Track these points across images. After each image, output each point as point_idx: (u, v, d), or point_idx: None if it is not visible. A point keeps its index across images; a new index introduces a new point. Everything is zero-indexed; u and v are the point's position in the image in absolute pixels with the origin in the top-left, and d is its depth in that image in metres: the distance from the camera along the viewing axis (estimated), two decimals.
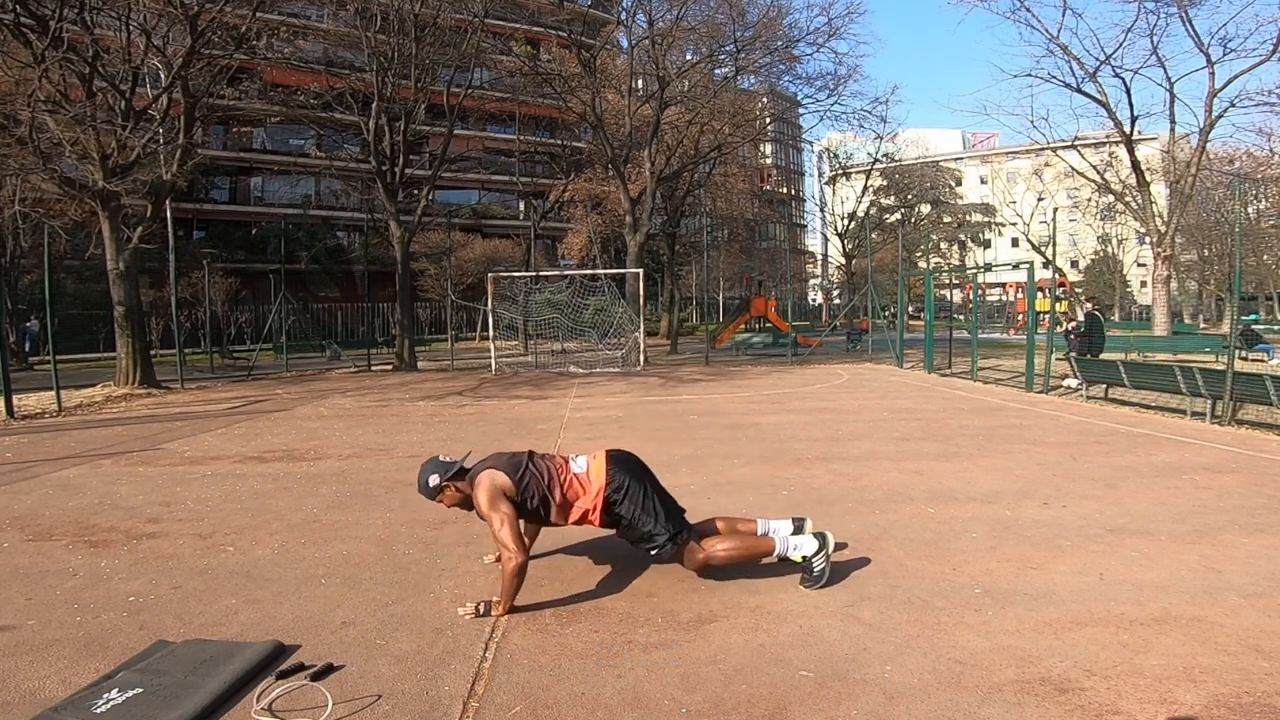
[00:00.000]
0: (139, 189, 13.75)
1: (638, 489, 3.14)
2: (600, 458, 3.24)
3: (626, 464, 3.23)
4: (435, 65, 17.92)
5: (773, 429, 7.63)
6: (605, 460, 3.21)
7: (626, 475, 3.16)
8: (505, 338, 20.46)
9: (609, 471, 3.16)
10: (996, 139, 62.86)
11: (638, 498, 3.12)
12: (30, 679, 2.45)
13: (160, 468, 6.08)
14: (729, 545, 3.20)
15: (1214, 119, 18.59)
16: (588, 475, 3.17)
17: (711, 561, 3.18)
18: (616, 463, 3.21)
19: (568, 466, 3.21)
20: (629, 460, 3.26)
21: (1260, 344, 16.32)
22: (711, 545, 3.20)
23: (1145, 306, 44.35)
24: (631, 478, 3.16)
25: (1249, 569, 3.38)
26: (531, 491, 3.10)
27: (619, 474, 3.16)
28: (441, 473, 3.16)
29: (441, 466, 3.18)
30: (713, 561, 3.18)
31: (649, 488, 3.18)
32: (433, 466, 3.19)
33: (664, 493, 3.26)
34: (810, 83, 22.80)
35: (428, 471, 3.18)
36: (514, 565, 2.88)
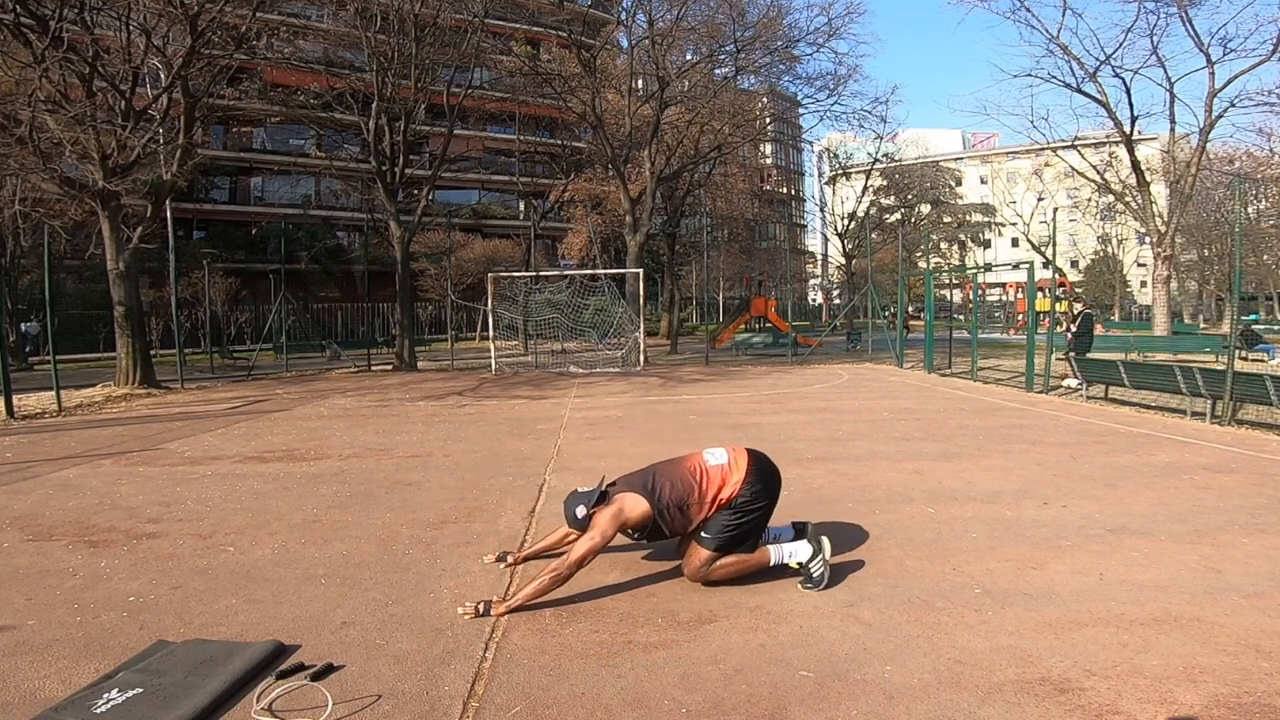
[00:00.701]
0: (139, 189, 13.75)
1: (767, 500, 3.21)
2: (742, 453, 3.27)
3: (766, 471, 3.26)
4: (435, 65, 17.91)
5: (773, 429, 7.63)
6: (749, 459, 3.24)
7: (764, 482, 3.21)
8: (505, 338, 20.46)
9: (751, 470, 3.19)
10: (996, 139, 62.90)
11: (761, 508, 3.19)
12: (30, 679, 2.45)
13: (160, 468, 6.08)
14: (727, 562, 3.20)
15: (1214, 119, 18.61)
16: (726, 468, 3.20)
17: (710, 577, 3.20)
18: (759, 463, 3.25)
19: (704, 463, 3.23)
20: (770, 468, 3.29)
21: (1260, 344, 16.32)
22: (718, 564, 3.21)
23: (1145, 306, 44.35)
24: (765, 487, 3.21)
25: (1249, 569, 3.38)
26: (669, 504, 3.12)
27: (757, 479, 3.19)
28: (586, 502, 3.12)
29: (585, 496, 3.15)
30: (711, 577, 3.20)
31: (770, 505, 3.25)
32: (576, 499, 3.15)
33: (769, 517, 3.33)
34: (810, 83, 22.83)
35: (573, 504, 3.14)
36: (559, 575, 2.94)
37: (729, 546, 3.15)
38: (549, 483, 5.38)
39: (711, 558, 3.15)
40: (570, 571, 2.95)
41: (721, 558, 3.17)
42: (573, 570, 2.95)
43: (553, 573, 2.94)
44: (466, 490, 5.14)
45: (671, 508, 3.10)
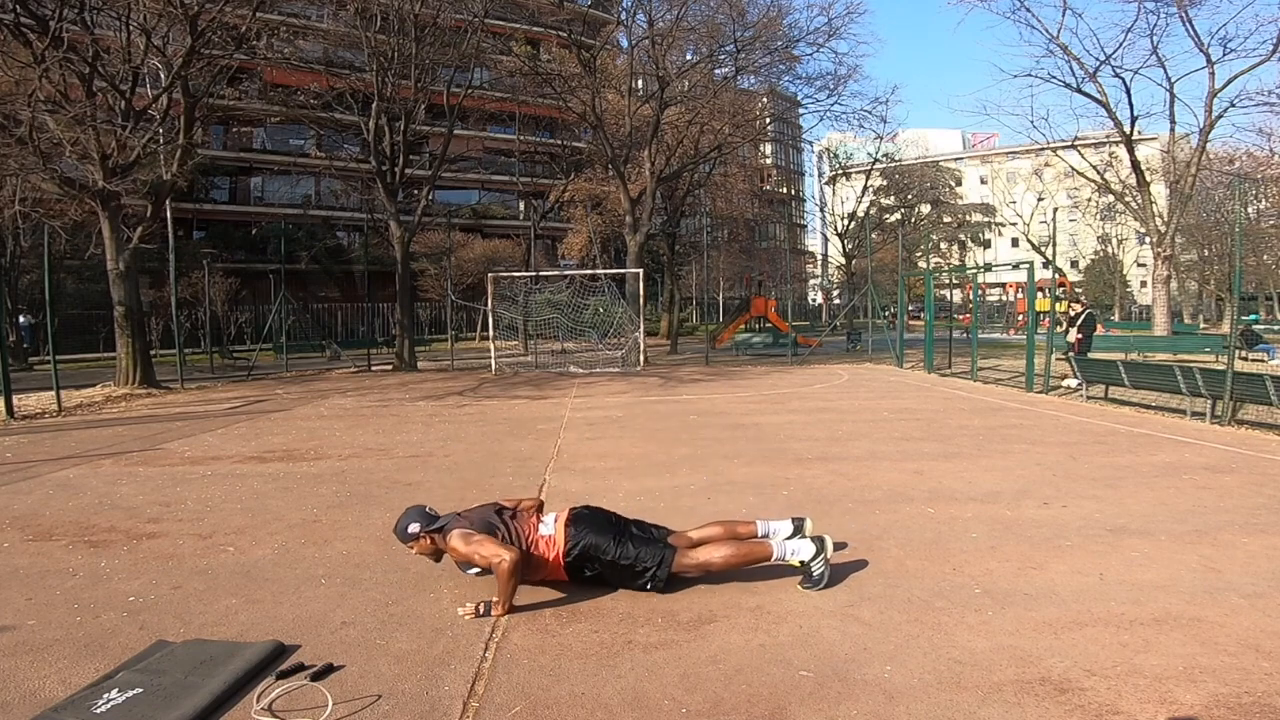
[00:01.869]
0: (139, 189, 13.75)
1: (605, 541, 3.15)
2: (563, 518, 3.25)
3: (588, 521, 3.23)
4: (435, 65, 17.90)
5: (773, 429, 7.63)
6: (566, 522, 3.22)
7: (587, 534, 3.17)
8: (505, 338, 20.45)
9: (568, 533, 3.18)
10: (996, 139, 62.84)
11: (606, 549, 3.14)
12: (30, 679, 2.45)
13: (160, 468, 6.08)
14: (726, 553, 3.21)
15: (1214, 119, 18.61)
16: (553, 539, 3.19)
17: (709, 569, 3.21)
18: (577, 522, 3.22)
19: (537, 529, 3.24)
20: (590, 518, 3.26)
21: (1260, 344, 16.32)
22: (709, 552, 3.22)
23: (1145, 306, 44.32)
24: (594, 534, 3.17)
25: (1249, 569, 3.38)
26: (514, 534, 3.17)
27: (579, 534, 3.17)
28: (423, 523, 3.20)
29: (425, 517, 3.22)
30: (710, 569, 3.21)
31: (616, 535, 3.19)
32: (416, 514, 3.23)
33: (637, 527, 3.29)
34: (810, 83, 22.82)
35: (410, 518, 3.22)
36: (507, 565, 2.90)
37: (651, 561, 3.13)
38: (549, 483, 5.38)
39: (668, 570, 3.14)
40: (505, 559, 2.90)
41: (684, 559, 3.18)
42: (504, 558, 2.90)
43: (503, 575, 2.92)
44: (466, 490, 5.14)
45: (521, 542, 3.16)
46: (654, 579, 3.13)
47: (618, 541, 3.16)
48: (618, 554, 3.13)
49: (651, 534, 3.29)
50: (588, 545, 3.15)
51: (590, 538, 3.16)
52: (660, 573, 3.13)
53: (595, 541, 3.15)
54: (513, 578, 2.93)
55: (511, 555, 2.93)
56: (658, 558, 3.15)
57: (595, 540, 3.15)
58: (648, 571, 3.13)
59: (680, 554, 3.21)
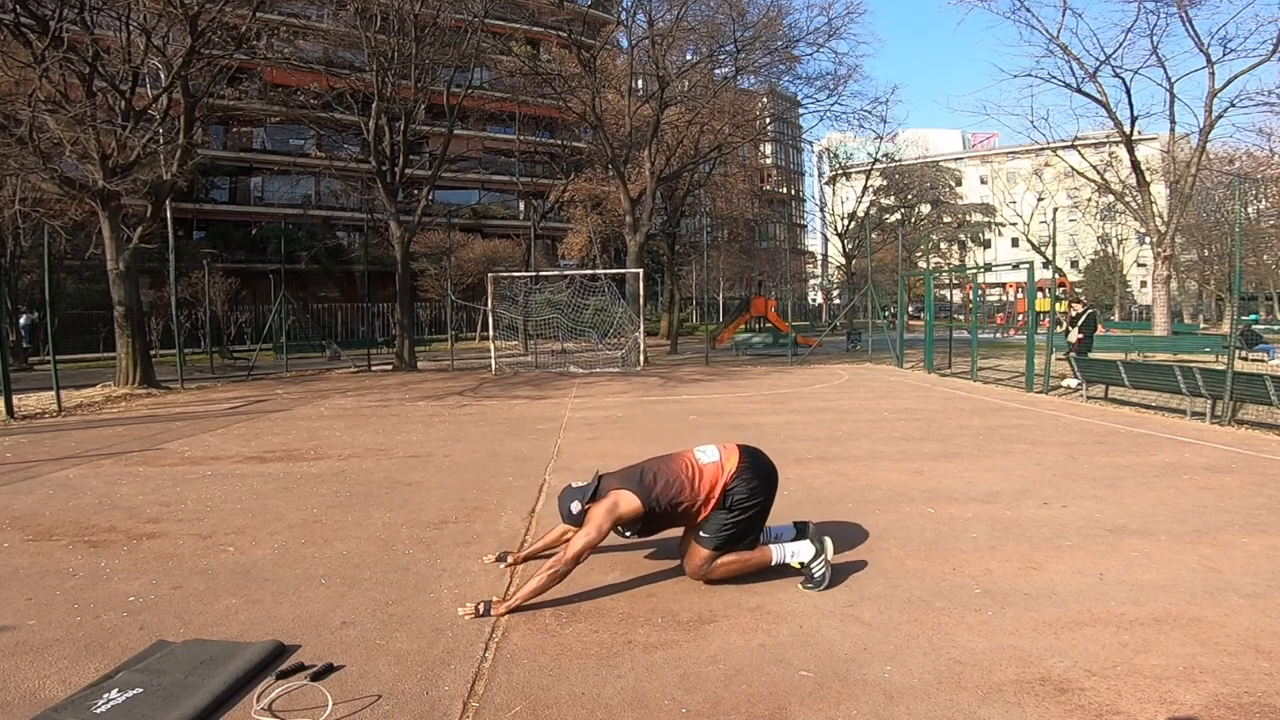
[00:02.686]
0: (139, 189, 13.74)
1: (761, 495, 3.19)
2: (733, 449, 3.26)
3: (759, 464, 3.25)
4: (435, 65, 17.89)
5: (773, 429, 7.63)
6: (739, 454, 3.23)
7: (757, 477, 3.20)
8: (505, 338, 20.45)
9: (741, 463, 3.19)
10: (996, 139, 62.86)
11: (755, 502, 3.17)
12: (30, 679, 2.45)
13: (160, 468, 6.08)
14: (729, 560, 3.20)
15: (1214, 119, 18.61)
16: (720, 464, 3.18)
17: (711, 576, 3.21)
18: (749, 456, 3.24)
19: (694, 460, 3.22)
20: (763, 462, 3.28)
21: (1260, 344, 16.32)
22: (721, 564, 3.22)
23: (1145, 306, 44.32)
24: (759, 481, 3.20)
25: (1249, 569, 3.38)
26: (660, 500, 3.10)
27: (748, 470, 3.19)
28: (581, 498, 3.12)
29: (579, 492, 3.15)
30: (712, 576, 3.21)
31: (767, 501, 3.23)
32: (571, 494, 3.16)
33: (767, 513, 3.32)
34: (810, 83, 22.81)
35: (568, 499, 3.15)
36: (556, 572, 2.93)
37: (728, 545, 3.15)
38: (549, 483, 5.38)
39: (711, 556, 3.16)
40: (568, 568, 2.95)
41: (721, 556, 3.17)
42: (570, 566, 2.95)
43: (550, 570, 2.94)
44: (466, 490, 5.14)
45: (664, 504, 3.09)
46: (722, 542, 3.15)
47: (767, 504, 3.23)
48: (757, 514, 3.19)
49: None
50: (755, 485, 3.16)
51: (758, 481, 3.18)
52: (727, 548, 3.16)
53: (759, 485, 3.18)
54: (554, 583, 2.95)
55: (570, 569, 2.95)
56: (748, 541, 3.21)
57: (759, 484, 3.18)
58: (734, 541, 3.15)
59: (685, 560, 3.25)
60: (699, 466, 3.18)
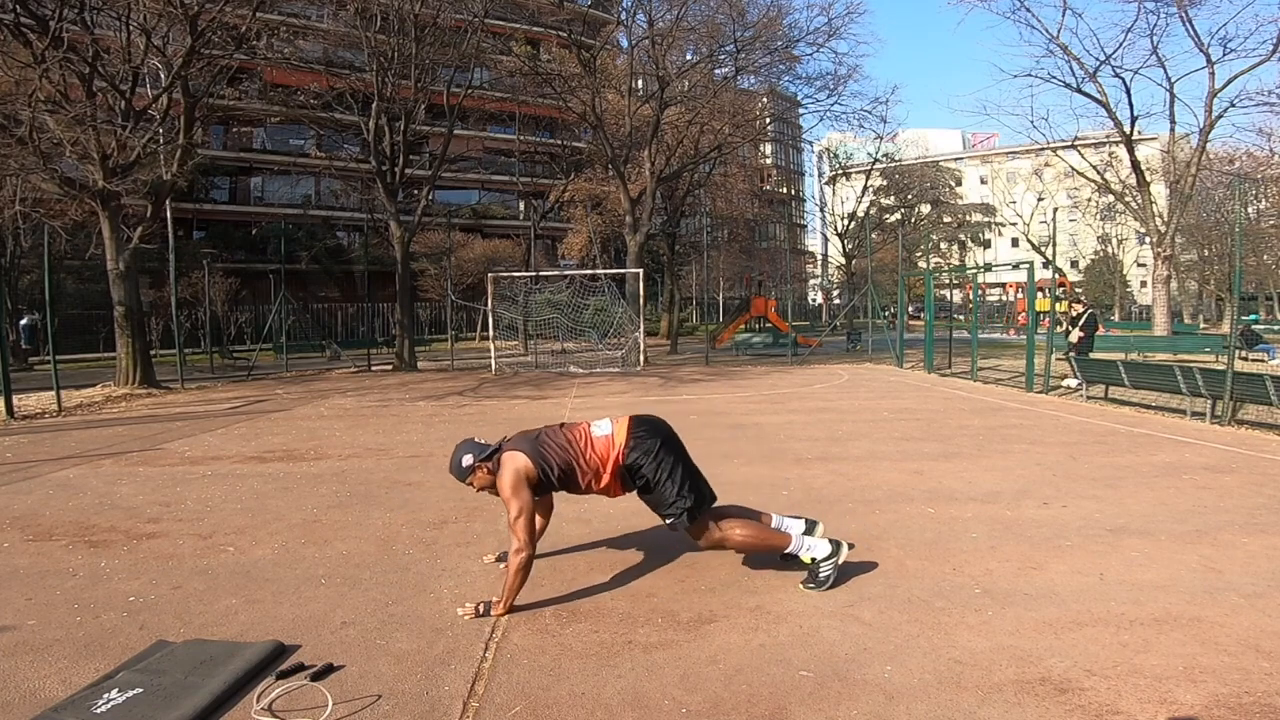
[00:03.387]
0: (139, 189, 13.74)
1: (664, 453, 3.12)
2: (624, 420, 3.22)
3: (653, 427, 3.21)
4: (435, 65, 17.90)
5: (773, 429, 7.63)
6: (629, 422, 3.20)
7: (651, 439, 3.15)
8: (505, 338, 20.45)
9: (631, 433, 3.15)
10: (996, 139, 62.83)
11: (663, 462, 3.11)
12: (30, 679, 2.45)
13: (160, 468, 6.08)
14: (747, 531, 3.19)
15: (1214, 119, 18.61)
16: (611, 438, 3.15)
17: (726, 543, 3.18)
18: (640, 424, 3.20)
19: (589, 431, 3.19)
20: (656, 424, 3.24)
21: (1260, 344, 16.32)
22: (730, 527, 3.20)
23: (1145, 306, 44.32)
24: (657, 441, 3.14)
25: (1249, 569, 3.38)
26: (552, 464, 3.09)
27: (643, 436, 3.14)
28: (476, 453, 3.13)
29: (476, 448, 3.16)
30: (728, 543, 3.18)
31: (677, 455, 3.17)
32: (468, 447, 3.17)
33: (692, 466, 3.24)
34: (810, 83, 22.82)
35: (463, 451, 3.16)
36: (521, 560, 2.90)
37: (693, 508, 3.10)
38: None
39: (695, 529, 3.14)
40: (527, 549, 2.91)
41: (710, 522, 3.17)
42: (528, 546, 2.91)
43: (515, 565, 2.91)
44: (466, 490, 5.12)
45: (556, 469, 3.08)
46: (683, 513, 3.09)
47: (678, 458, 3.14)
48: (674, 469, 3.10)
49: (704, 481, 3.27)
50: (651, 447, 3.10)
51: (656, 444, 3.12)
52: (695, 510, 3.10)
53: (660, 448, 3.11)
54: (521, 573, 2.92)
55: (528, 552, 2.91)
56: (701, 497, 3.14)
57: (660, 447, 3.12)
58: (683, 501, 3.09)
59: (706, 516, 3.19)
60: (591, 437, 3.17)
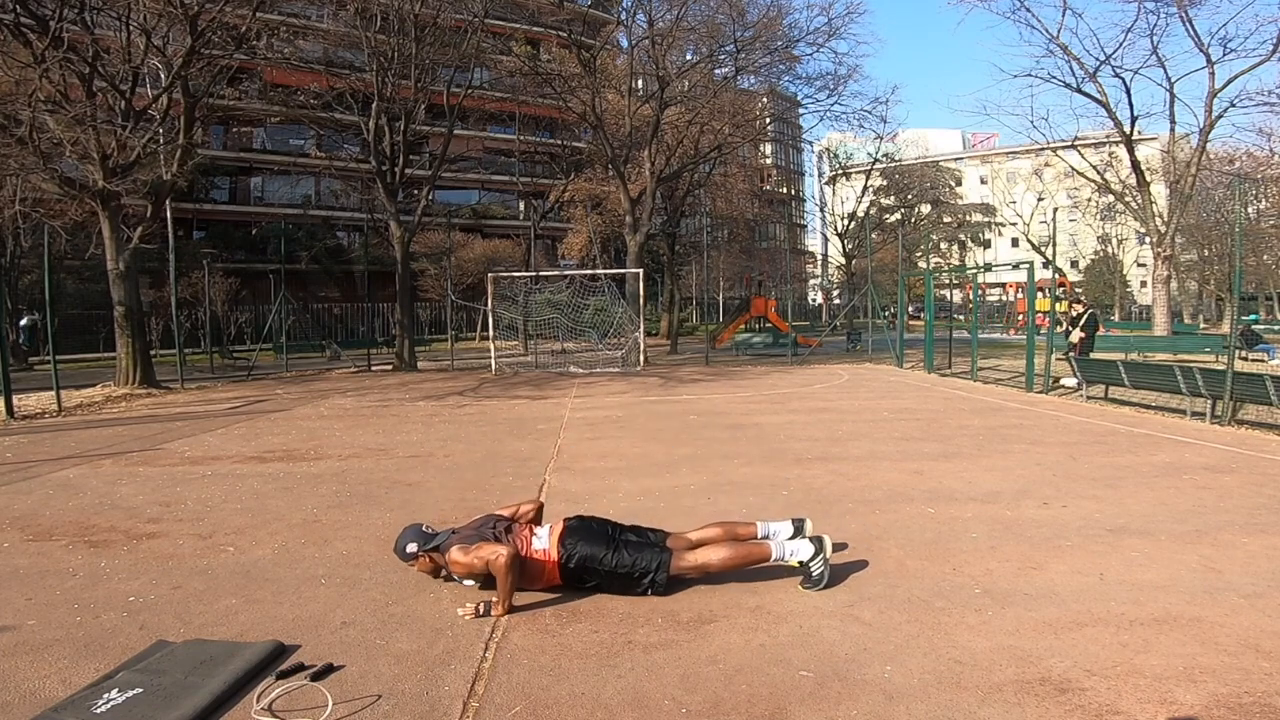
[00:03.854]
0: (139, 189, 13.74)
1: (599, 551, 3.15)
2: (557, 530, 3.24)
3: (581, 532, 3.22)
4: (435, 65, 17.90)
5: (773, 429, 7.63)
6: (560, 535, 3.21)
7: (581, 544, 3.16)
8: (505, 338, 20.45)
9: (563, 546, 3.17)
10: (996, 139, 62.82)
11: (603, 559, 3.13)
12: (30, 679, 2.45)
13: (160, 468, 6.08)
14: (725, 554, 3.21)
15: (1214, 119, 18.62)
16: (547, 552, 3.18)
17: (708, 570, 3.21)
18: (570, 534, 3.21)
19: (531, 543, 3.22)
20: (583, 528, 3.25)
21: (1260, 344, 16.33)
22: (708, 554, 3.22)
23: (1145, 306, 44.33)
24: (589, 544, 3.16)
25: (1249, 569, 3.38)
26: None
27: (573, 546, 3.16)
28: (420, 542, 3.25)
29: (421, 536, 3.28)
30: (708, 570, 3.21)
31: (610, 543, 3.18)
32: (413, 534, 3.30)
33: (633, 533, 3.29)
34: (810, 83, 22.84)
35: (408, 538, 3.28)
36: (504, 560, 2.92)
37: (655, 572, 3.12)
38: (549, 483, 5.38)
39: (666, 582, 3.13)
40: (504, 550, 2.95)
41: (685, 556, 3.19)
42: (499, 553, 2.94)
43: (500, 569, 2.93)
44: (466, 490, 5.15)
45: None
46: (653, 584, 3.13)
47: (613, 550, 3.16)
48: (614, 563, 3.13)
49: (648, 538, 3.29)
50: (583, 556, 3.14)
51: (585, 548, 3.15)
52: (659, 576, 3.12)
53: (590, 552, 3.14)
54: (511, 572, 2.94)
55: (508, 550, 2.95)
56: (654, 561, 3.14)
57: (590, 550, 3.14)
58: (646, 576, 3.13)
59: (678, 556, 3.21)
60: (531, 551, 3.19)
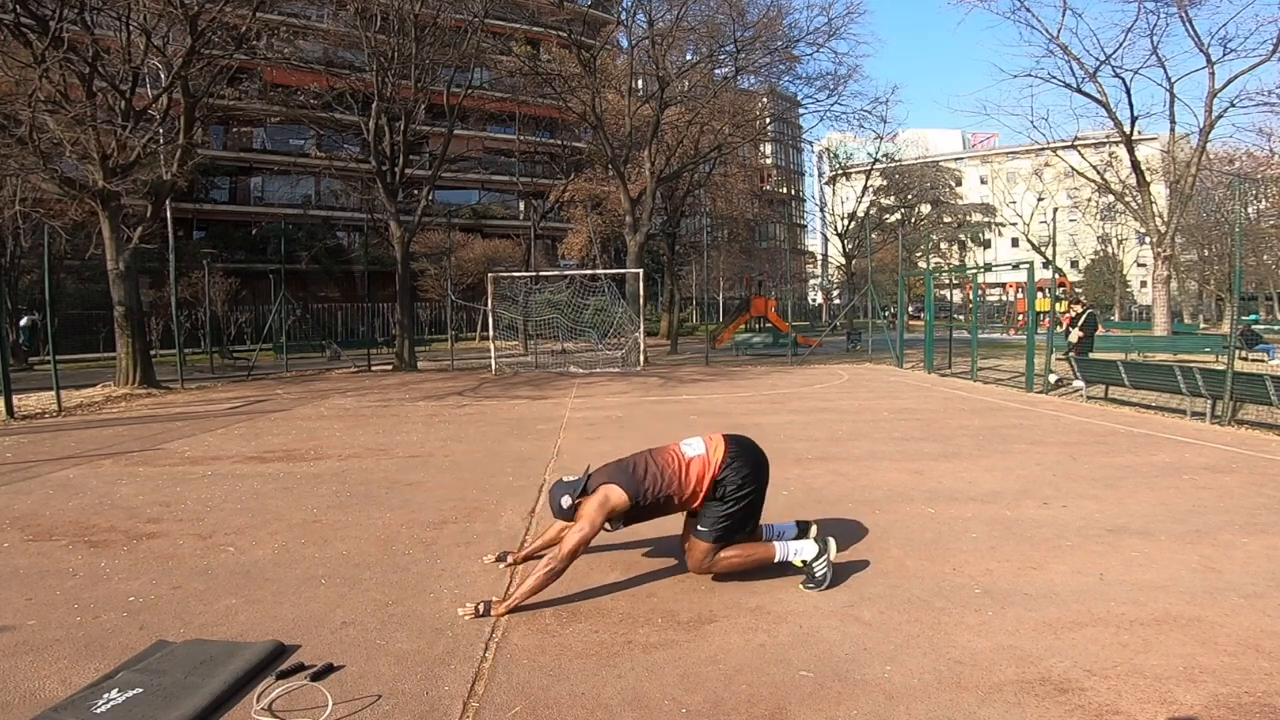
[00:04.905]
0: (139, 189, 13.75)
1: (751, 481, 3.19)
2: (718, 439, 3.27)
3: (747, 452, 3.26)
4: (435, 65, 17.90)
5: (773, 429, 7.63)
6: (724, 443, 3.24)
7: (745, 464, 3.20)
8: (505, 338, 20.44)
9: (727, 452, 3.19)
10: (996, 139, 62.83)
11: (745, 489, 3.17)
12: (30, 679, 2.45)
13: (160, 468, 6.08)
14: (731, 554, 3.21)
15: (1214, 119, 18.61)
16: (706, 459, 3.19)
17: (716, 568, 3.22)
18: (735, 446, 3.24)
19: (680, 455, 3.22)
20: (750, 448, 3.29)
21: (1260, 344, 16.32)
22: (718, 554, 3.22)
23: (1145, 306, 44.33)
24: (748, 469, 3.20)
25: (1249, 569, 3.38)
26: (648, 495, 3.12)
27: (736, 458, 3.19)
28: (571, 492, 3.15)
29: (569, 486, 3.18)
30: (716, 568, 3.22)
31: (758, 487, 3.23)
32: (561, 488, 3.19)
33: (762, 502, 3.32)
34: (810, 83, 22.83)
35: (558, 494, 3.18)
36: (552, 569, 2.94)
37: (726, 536, 3.16)
38: (549, 482, 5.37)
39: (711, 549, 3.16)
40: (564, 565, 2.95)
41: (722, 549, 3.18)
42: (566, 563, 2.95)
43: (546, 567, 2.94)
44: (466, 490, 5.14)
45: (651, 497, 3.11)
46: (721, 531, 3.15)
47: (758, 490, 3.22)
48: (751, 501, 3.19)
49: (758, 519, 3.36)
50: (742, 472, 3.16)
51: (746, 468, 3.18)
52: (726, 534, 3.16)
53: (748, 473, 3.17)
54: (550, 580, 2.95)
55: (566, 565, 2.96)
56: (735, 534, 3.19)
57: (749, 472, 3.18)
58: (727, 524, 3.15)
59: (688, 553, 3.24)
60: (685, 460, 3.19)
